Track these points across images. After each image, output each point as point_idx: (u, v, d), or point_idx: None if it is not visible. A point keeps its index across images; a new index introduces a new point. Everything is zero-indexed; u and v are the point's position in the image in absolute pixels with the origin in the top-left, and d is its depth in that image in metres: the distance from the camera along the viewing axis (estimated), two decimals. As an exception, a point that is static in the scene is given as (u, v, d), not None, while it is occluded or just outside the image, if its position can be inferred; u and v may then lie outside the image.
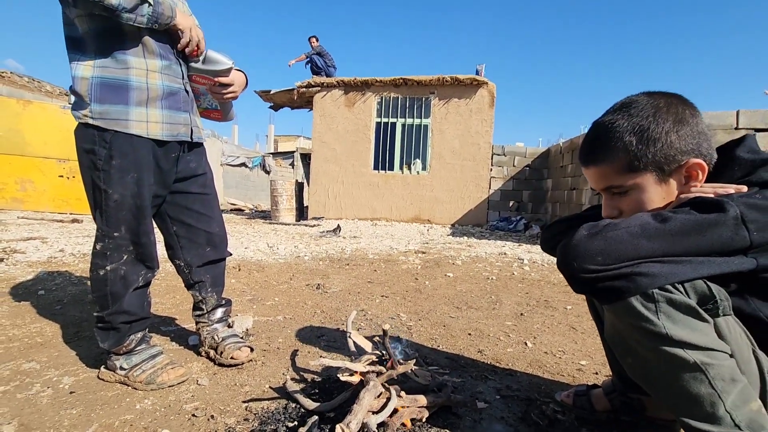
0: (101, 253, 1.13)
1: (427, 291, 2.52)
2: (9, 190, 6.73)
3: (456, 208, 7.98)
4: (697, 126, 0.76)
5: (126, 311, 1.16)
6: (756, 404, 0.66)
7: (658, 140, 0.74)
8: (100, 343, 1.18)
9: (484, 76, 7.81)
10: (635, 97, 0.79)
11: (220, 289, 1.42)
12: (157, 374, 1.16)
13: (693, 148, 0.75)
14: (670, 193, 0.78)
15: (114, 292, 1.14)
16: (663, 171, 0.76)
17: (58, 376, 1.21)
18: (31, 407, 1.04)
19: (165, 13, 1.07)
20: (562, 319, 2.03)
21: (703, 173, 0.76)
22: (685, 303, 0.66)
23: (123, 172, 1.10)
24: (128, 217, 1.13)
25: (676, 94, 0.79)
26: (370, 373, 1.01)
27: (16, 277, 2.40)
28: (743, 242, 0.65)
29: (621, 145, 0.76)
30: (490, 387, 1.25)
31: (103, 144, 1.08)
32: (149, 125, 1.13)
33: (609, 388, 1.10)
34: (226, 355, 1.31)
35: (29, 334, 1.54)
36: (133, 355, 1.19)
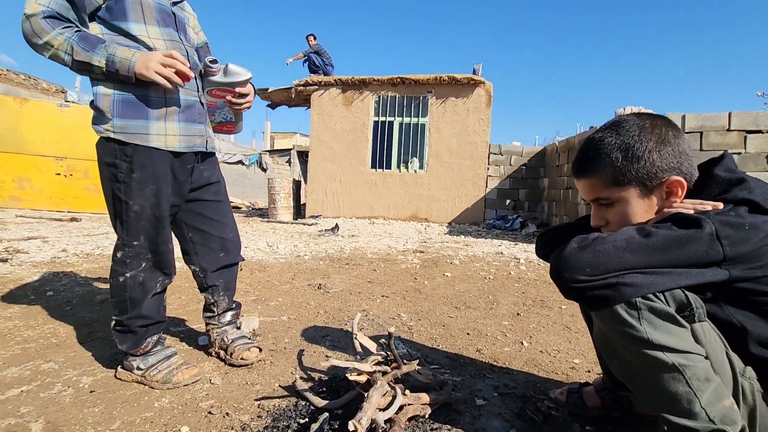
0: (121, 260, 1.18)
1: (426, 291, 2.59)
2: (6, 188, 6.72)
3: (453, 207, 8.05)
4: (679, 146, 0.83)
5: (144, 315, 1.21)
6: (728, 401, 0.73)
7: (641, 158, 0.81)
8: (118, 345, 1.24)
9: (481, 76, 7.87)
10: (625, 117, 0.86)
11: (231, 293, 1.47)
12: (173, 374, 1.22)
13: (674, 167, 0.82)
14: (652, 206, 0.85)
15: (133, 297, 1.19)
16: (646, 186, 0.83)
17: (77, 375, 1.27)
18: (55, 406, 1.10)
19: (120, 72, 1.06)
20: (557, 318, 2.10)
21: (682, 190, 0.82)
22: (665, 310, 0.73)
23: (143, 184, 1.15)
24: (147, 227, 1.18)
25: (662, 116, 0.85)
26: (376, 372, 1.07)
27: (23, 277, 2.44)
28: (717, 256, 0.72)
29: (608, 160, 0.84)
30: (488, 385, 1.32)
31: (123, 158, 1.13)
32: (167, 138, 1.18)
33: (600, 386, 1.17)
34: (237, 356, 1.37)
35: (43, 335, 1.59)
36: (150, 356, 1.24)
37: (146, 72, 1.05)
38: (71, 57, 1.01)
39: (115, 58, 1.04)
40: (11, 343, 1.49)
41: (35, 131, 6.79)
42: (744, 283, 0.75)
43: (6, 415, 1.04)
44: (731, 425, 0.71)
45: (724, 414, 0.72)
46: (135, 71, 1.05)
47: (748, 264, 0.73)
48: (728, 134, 4.76)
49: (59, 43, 1.01)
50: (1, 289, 2.17)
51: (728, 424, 0.71)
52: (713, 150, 4.84)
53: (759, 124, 4.63)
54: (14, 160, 6.73)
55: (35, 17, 0.99)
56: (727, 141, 4.76)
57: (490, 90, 7.85)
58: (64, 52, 1.01)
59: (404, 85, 8.01)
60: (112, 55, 1.04)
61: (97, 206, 6.98)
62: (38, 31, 0.99)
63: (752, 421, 0.78)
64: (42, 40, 1.00)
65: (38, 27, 0.99)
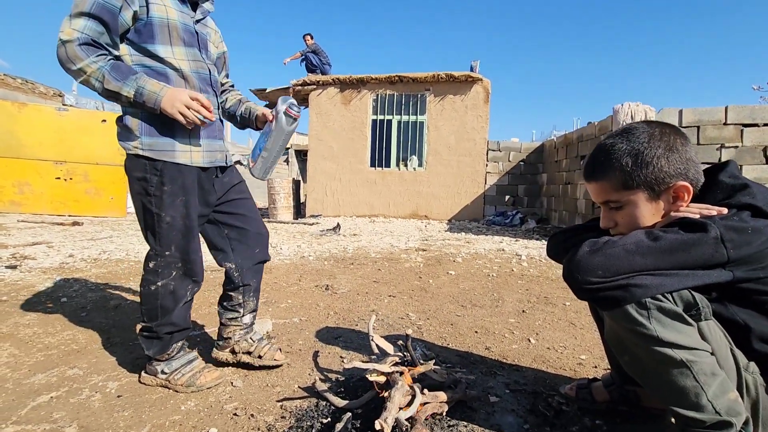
0: (153, 270, 1.22)
1: (432, 290, 2.64)
2: (6, 193, 6.72)
3: (453, 204, 8.10)
4: (686, 153, 0.87)
5: (173, 323, 1.25)
6: (733, 394, 0.78)
7: (650, 164, 0.85)
8: (145, 350, 1.28)
9: (479, 73, 7.89)
10: (635, 125, 0.91)
11: (258, 295, 1.49)
12: (196, 377, 1.27)
13: (681, 173, 0.86)
14: (659, 210, 0.89)
15: (164, 305, 1.23)
16: (653, 191, 0.87)
17: (103, 381, 1.31)
18: (86, 410, 1.14)
19: (147, 104, 1.09)
20: (562, 315, 2.15)
21: (688, 194, 0.87)
22: (673, 310, 0.78)
23: (173, 196, 1.19)
24: (178, 237, 1.22)
25: (671, 125, 0.90)
26: (394, 373, 1.12)
27: (35, 284, 2.47)
28: (722, 258, 0.77)
29: (618, 165, 0.88)
30: (499, 382, 1.37)
31: (154, 172, 1.17)
32: (192, 154, 1.22)
33: (608, 381, 1.22)
34: (269, 357, 1.39)
35: (64, 341, 1.63)
36: (173, 360, 1.28)
37: (170, 110, 1.10)
38: (102, 85, 1.05)
39: (143, 91, 1.07)
40: (33, 350, 1.53)
41: (34, 135, 6.78)
42: (747, 283, 0.80)
43: (41, 421, 1.08)
44: (736, 417, 0.77)
45: (729, 406, 0.77)
46: (160, 106, 1.09)
47: (750, 265, 0.78)
48: (725, 128, 4.82)
49: (92, 71, 1.04)
50: (16, 296, 2.20)
51: (733, 416, 0.76)
52: (710, 144, 4.89)
53: (755, 117, 4.69)
54: (13, 165, 6.72)
55: (71, 44, 1.02)
56: (724, 135, 4.82)
57: (488, 87, 7.88)
58: (96, 79, 1.05)
59: (402, 84, 8.03)
60: (141, 87, 1.07)
61: (97, 209, 6.99)
62: (73, 57, 1.03)
63: (755, 412, 0.83)
64: (76, 66, 1.03)
65: (73, 54, 1.03)
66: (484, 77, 7.81)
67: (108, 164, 7.04)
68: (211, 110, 1.17)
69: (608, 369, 1.44)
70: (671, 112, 5.10)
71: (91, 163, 6.99)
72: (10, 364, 1.42)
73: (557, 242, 1.14)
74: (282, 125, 1.32)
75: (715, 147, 4.87)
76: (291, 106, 1.34)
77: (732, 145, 4.82)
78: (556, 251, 1.14)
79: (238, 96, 1.50)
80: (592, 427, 1.12)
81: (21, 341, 1.61)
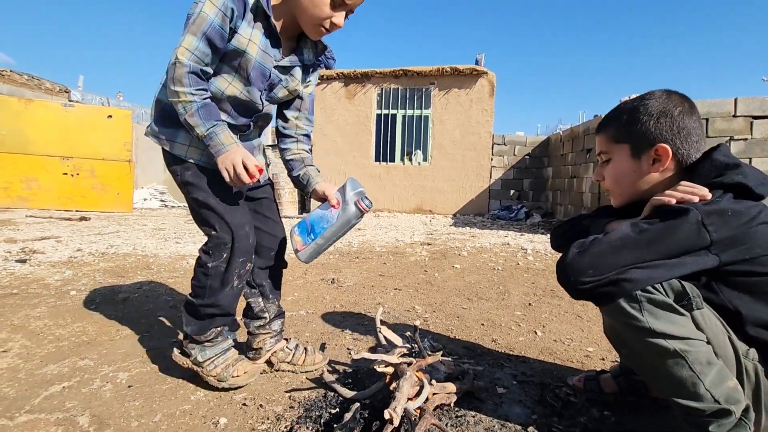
0: (206, 251, 1.21)
1: (438, 283, 2.64)
2: (15, 189, 6.79)
3: (457, 198, 8.08)
4: (680, 123, 0.89)
5: (217, 305, 1.22)
6: (732, 382, 0.78)
7: (639, 121, 0.90)
8: (184, 326, 1.24)
9: (484, 66, 7.83)
10: (656, 90, 0.94)
11: (279, 295, 1.44)
12: (229, 371, 1.22)
13: (666, 138, 0.88)
14: (640, 170, 0.92)
15: (212, 285, 1.20)
16: (636, 147, 0.91)
17: (113, 371, 1.33)
18: (98, 400, 1.15)
19: (210, 148, 1.10)
20: (568, 308, 2.15)
21: (667, 158, 0.89)
22: (664, 301, 0.79)
23: (214, 183, 1.17)
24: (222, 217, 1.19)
25: (683, 96, 0.92)
26: (402, 364, 1.12)
27: (44, 277, 2.50)
28: (705, 241, 0.78)
29: (616, 119, 0.94)
30: (506, 373, 1.37)
31: (190, 166, 1.19)
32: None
33: (616, 372, 1.22)
34: (309, 362, 1.38)
35: (74, 333, 1.65)
36: (208, 348, 1.23)
37: (220, 165, 1.10)
38: (185, 114, 1.06)
39: (214, 138, 1.08)
40: (45, 342, 1.55)
41: (40, 131, 6.84)
42: (734, 266, 0.80)
43: (53, 410, 1.09)
44: (735, 404, 0.77)
45: (729, 394, 0.77)
46: (218, 158, 1.10)
47: (735, 248, 0.79)
48: (734, 120, 4.76)
49: (185, 101, 1.05)
50: (26, 289, 2.23)
51: (732, 404, 0.77)
52: (720, 136, 4.84)
53: (765, 109, 4.62)
54: (21, 161, 6.79)
55: (182, 67, 1.04)
56: (733, 127, 4.76)
57: (493, 80, 7.82)
58: (184, 107, 1.06)
59: (407, 77, 7.99)
60: (214, 133, 1.08)
61: (104, 205, 7.05)
62: (177, 80, 1.04)
63: (757, 399, 0.83)
64: (175, 88, 1.05)
65: (179, 78, 1.04)
66: (489, 70, 7.75)
67: (114, 160, 7.10)
68: (255, 178, 1.13)
69: (616, 361, 1.44)
70: (679, 105, 5.04)
71: (97, 158, 7.05)
72: (22, 355, 1.44)
73: (559, 233, 1.16)
74: (349, 217, 1.21)
75: (724, 139, 4.81)
76: (362, 198, 1.23)
77: (741, 138, 4.76)
78: (559, 242, 1.15)
79: (303, 153, 1.38)
80: (600, 418, 1.12)
81: (32, 333, 1.64)
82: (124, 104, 10.31)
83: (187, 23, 1.05)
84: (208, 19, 1.04)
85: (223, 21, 1.05)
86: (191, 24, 1.04)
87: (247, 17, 1.09)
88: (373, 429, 1.02)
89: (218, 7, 1.04)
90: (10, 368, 1.34)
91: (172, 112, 1.12)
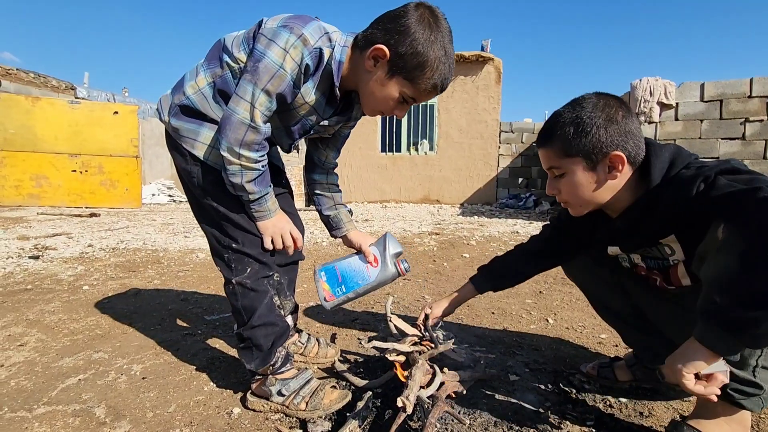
0: (226, 265, 1.08)
1: (447, 273, 2.62)
2: (25, 187, 6.88)
3: (465, 188, 8.03)
4: (626, 126, 0.86)
5: (264, 323, 1.08)
6: None
7: (588, 132, 0.86)
8: (246, 364, 1.09)
9: (490, 52, 7.70)
10: (586, 96, 0.91)
11: (293, 294, 1.37)
12: (319, 396, 1.09)
13: (618, 144, 0.86)
14: (597, 180, 0.89)
15: (245, 306, 1.08)
16: (591, 159, 0.88)
17: (127, 364, 1.34)
18: (113, 392, 1.17)
19: (253, 211, 1.03)
20: (580, 295, 2.12)
21: (623, 165, 0.87)
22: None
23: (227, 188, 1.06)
24: (242, 227, 1.07)
25: (617, 97, 0.89)
26: (414, 353, 1.11)
27: (57, 273, 2.53)
28: None
29: (561, 133, 0.89)
30: (518, 361, 1.36)
31: (206, 167, 1.06)
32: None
33: (631, 360, 1.20)
34: (321, 355, 1.36)
35: (88, 327, 1.67)
36: (291, 381, 1.10)
37: (264, 230, 1.05)
38: (240, 179, 0.96)
39: (263, 204, 1.02)
40: (60, 336, 1.57)
41: (48, 129, 6.89)
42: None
43: (70, 402, 1.11)
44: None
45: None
46: (261, 222, 1.05)
47: None
48: (749, 101, 4.64)
49: (248, 167, 0.96)
50: (40, 285, 2.26)
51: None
52: (734, 118, 4.72)
53: (782, 89, 4.50)
54: (30, 159, 6.86)
55: (259, 134, 0.94)
56: (748, 108, 4.64)
57: (500, 66, 7.70)
58: (242, 172, 0.96)
59: (411, 66, 7.89)
60: (263, 199, 1.02)
61: (113, 201, 7.12)
62: (247, 145, 0.93)
63: None
64: (240, 151, 0.93)
65: (250, 142, 0.93)
66: (496, 57, 7.62)
67: (121, 155, 7.14)
68: (299, 247, 1.11)
69: (629, 348, 1.42)
70: (692, 86, 4.92)
71: (104, 155, 7.10)
72: (38, 348, 1.46)
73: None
74: (387, 278, 1.17)
75: (738, 121, 4.70)
76: (403, 261, 1.18)
77: (757, 119, 4.64)
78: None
79: (332, 188, 1.32)
80: (615, 405, 1.10)
81: (47, 327, 1.66)
82: (130, 100, 10.35)
83: (259, 70, 0.90)
84: (286, 78, 0.91)
85: (297, 77, 0.94)
86: (265, 76, 0.90)
87: (315, 77, 0.97)
88: (386, 417, 1.02)
89: (296, 61, 0.91)
90: (28, 361, 1.36)
91: (194, 107, 1.01)
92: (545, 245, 1.19)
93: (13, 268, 2.63)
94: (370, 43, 0.93)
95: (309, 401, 1.07)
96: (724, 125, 4.75)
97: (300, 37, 0.89)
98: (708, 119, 4.81)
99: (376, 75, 0.95)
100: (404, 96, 0.97)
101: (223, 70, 0.99)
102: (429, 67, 0.91)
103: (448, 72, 0.95)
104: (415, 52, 0.90)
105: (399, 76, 0.94)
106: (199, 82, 1.00)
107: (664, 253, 0.91)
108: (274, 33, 0.89)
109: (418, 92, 0.96)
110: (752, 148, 4.66)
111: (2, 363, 1.35)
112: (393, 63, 0.92)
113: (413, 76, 0.93)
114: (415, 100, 1.00)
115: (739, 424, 0.85)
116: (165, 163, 10.61)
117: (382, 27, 0.92)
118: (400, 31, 0.90)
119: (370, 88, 0.98)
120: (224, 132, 0.92)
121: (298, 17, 0.93)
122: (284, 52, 0.89)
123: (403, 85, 0.95)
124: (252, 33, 0.97)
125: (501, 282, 1.24)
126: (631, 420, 1.04)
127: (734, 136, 4.70)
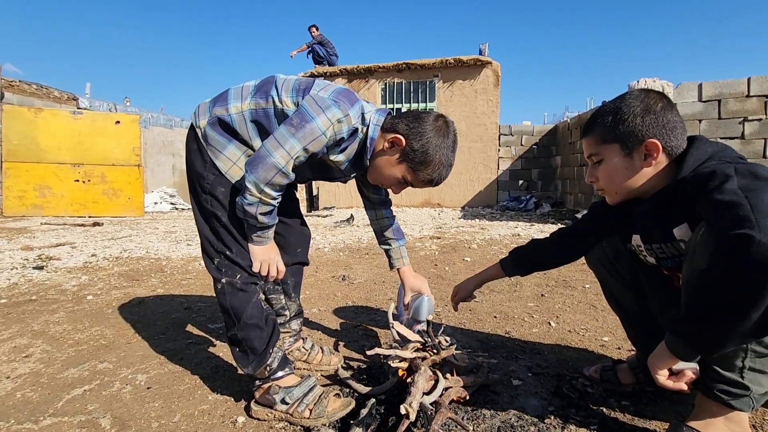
0: (217, 268, 1.13)
1: (449, 277, 2.63)
2: (29, 197, 6.92)
3: (465, 191, 8.03)
4: (664, 118, 0.89)
5: (254, 324, 1.11)
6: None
7: (625, 120, 0.90)
8: (242, 368, 1.12)
9: (488, 56, 7.74)
10: (631, 90, 0.95)
11: (298, 297, 1.41)
12: (323, 404, 1.09)
13: (653, 134, 0.89)
14: (632, 167, 0.92)
15: (233, 305, 1.11)
16: (626, 146, 0.91)
17: (132, 374, 1.35)
18: (118, 402, 1.18)
19: (251, 232, 1.09)
20: (582, 298, 2.13)
21: (658, 153, 0.89)
22: None
23: (227, 195, 1.11)
24: (237, 234, 1.12)
25: (659, 92, 0.93)
26: (417, 359, 1.12)
27: (61, 283, 2.55)
28: None
29: (601, 121, 0.94)
30: (521, 365, 1.37)
31: (213, 171, 1.11)
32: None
33: (634, 363, 1.20)
34: (325, 362, 1.38)
35: (93, 337, 1.68)
36: (294, 389, 1.11)
37: (254, 256, 1.12)
38: (255, 209, 1.03)
39: (264, 232, 1.10)
40: (65, 346, 1.58)
41: (51, 140, 6.94)
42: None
43: (76, 413, 1.12)
44: (756, 385, 0.80)
45: (758, 381, 0.79)
46: (255, 245, 1.11)
47: None
48: (748, 101, 4.64)
49: (266, 201, 1.02)
50: (44, 295, 2.28)
51: (754, 384, 0.80)
52: (732, 118, 4.72)
53: (780, 88, 4.51)
54: (34, 170, 6.91)
55: (284, 179, 1.01)
56: (746, 108, 4.64)
57: (498, 70, 7.73)
58: (259, 204, 1.02)
59: (410, 71, 7.94)
60: (268, 227, 1.10)
61: (115, 210, 7.15)
62: (271, 184, 1.00)
63: None
64: (264, 187, 0.99)
65: (275, 182, 1.00)
66: (494, 60, 7.66)
67: (123, 165, 7.19)
68: (280, 277, 1.19)
69: (632, 350, 1.42)
70: (690, 87, 4.93)
71: (107, 164, 7.14)
72: (43, 359, 1.47)
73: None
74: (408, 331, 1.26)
75: (737, 121, 4.70)
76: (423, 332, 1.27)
77: (755, 118, 4.64)
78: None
79: (382, 222, 1.43)
80: (618, 408, 1.11)
81: (52, 338, 1.67)
82: (131, 109, 10.42)
83: (305, 130, 0.99)
84: (323, 143, 1.02)
85: (331, 145, 1.06)
86: (309, 137, 0.99)
87: (343, 146, 1.09)
88: (390, 424, 1.02)
89: (336, 133, 1.03)
90: (33, 373, 1.37)
91: (231, 125, 1.08)
92: (584, 225, 1.20)
93: (17, 279, 2.65)
94: (394, 130, 1.09)
95: (313, 409, 1.08)
96: (723, 125, 4.75)
97: (346, 116, 1.03)
98: (706, 119, 4.82)
99: (389, 155, 1.11)
100: (405, 179, 1.14)
101: (267, 104, 1.08)
102: (432, 166, 1.09)
103: (444, 173, 1.12)
104: (425, 152, 1.07)
105: (406, 164, 1.10)
106: (244, 105, 1.09)
107: (679, 249, 0.93)
108: (326, 104, 1.01)
109: (417, 180, 1.13)
110: (752, 146, 4.66)
111: (8, 374, 1.36)
112: (405, 152, 1.09)
113: (417, 168, 1.10)
114: (412, 185, 1.16)
115: (736, 424, 0.85)
116: (167, 171, 10.66)
117: (407, 123, 1.09)
118: (419, 131, 1.07)
119: (380, 162, 1.13)
120: (256, 168, 0.99)
121: (347, 95, 1.07)
122: (330, 123, 1.01)
123: (407, 172, 1.12)
124: (302, 87, 1.08)
125: (532, 263, 1.26)
126: (635, 423, 1.04)
127: (733, 135, 4.70)
